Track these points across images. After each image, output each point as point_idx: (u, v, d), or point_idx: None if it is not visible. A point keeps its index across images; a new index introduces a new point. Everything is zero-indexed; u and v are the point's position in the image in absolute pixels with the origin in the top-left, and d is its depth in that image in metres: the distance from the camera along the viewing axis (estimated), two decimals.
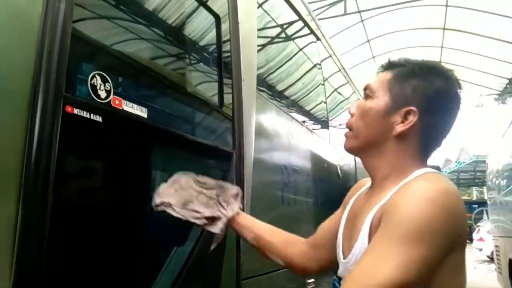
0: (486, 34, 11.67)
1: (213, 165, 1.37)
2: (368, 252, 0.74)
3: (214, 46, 1.54)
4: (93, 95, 0.90)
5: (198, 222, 1.05)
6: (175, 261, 1.17)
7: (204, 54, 1.56)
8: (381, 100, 0.89)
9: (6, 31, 0.74)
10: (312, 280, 2.08)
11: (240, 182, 1.46)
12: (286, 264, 1.14)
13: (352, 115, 0.94)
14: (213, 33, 1.53)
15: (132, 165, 1.07)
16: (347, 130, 0.96)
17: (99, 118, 0.90)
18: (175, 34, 1.37)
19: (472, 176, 22.81)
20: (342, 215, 1.02)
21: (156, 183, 1.17)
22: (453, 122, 0.90)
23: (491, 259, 10.52)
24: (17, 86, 0.76)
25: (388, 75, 0.91)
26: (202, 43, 1.53)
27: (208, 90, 1.47)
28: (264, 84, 2.10)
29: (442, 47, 13.52)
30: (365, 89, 0.94)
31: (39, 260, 0.73)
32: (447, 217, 0.73)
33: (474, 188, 27.41)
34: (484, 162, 8.54)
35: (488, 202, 7.66)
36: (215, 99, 1.47)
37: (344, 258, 0.90)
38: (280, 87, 2.47)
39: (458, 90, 0.89)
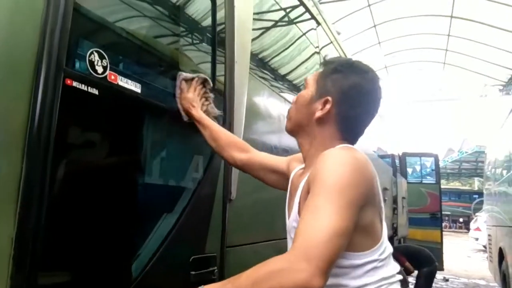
0: (493, 24, 11.56)
1: (203, 144, 1.46)
2: (305, 212, 0.85)
3: (209, 28, 1.62)
4: (91, 70, 1.00)
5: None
6: (164, 227, 1.27)
7: (199, 35, 1.64)
8: (309, 90, 1.08)
9: (12, 9, 0.83)
10: None
11: None
12: (218, 152, 1.40)
13: (292, 103, 1.13)
14: (208, 15, 1.61)
15: (125, 136, 1.16)
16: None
17: (95, 91, 0.99)
18: (171, 15, 1.45)
19: (474, 166, 22.85)
20: (288, 172, 1.23)
21: (148, 155, 1.28)
22: (370, 114, 1.06)
23: (486, 249, 10.68)
24: (22, 60, 0.85)
25: (320, 70, 1.10)
26: (197, 24, 1.61)
27: (201, 70, 1.56)
28: (261, 66, 2.17)
29: (448, 35, 13.41)
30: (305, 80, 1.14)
31: (40, 214, 0.83)
32: (356, 174, 0.88)
33: (476, 178, 27.43)
34: (485, 152, 8.59)
35: (485, 193, 7.75)
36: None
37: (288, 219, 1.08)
38: (279, 71, 2.54)
39: (375, 86, 1.05)
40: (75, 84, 0.94)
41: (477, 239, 13.57)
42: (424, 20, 12.93)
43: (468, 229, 19.34)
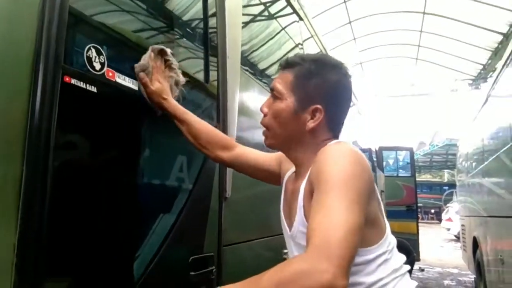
0: (464, 20, 11.90)
1: None
2: (315, 211, 0.81)
3: (201, 23, 1.59)
4: (88, 67, 0.95)
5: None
6: (163, 227, 1.24)
7: (191, 30, 1.61)
8: (289, 101, 1.01)
9: (9, 5, 0.78)
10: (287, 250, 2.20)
11: None
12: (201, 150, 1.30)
13: (265, 114, 1.06)
14: (199, 10, 1.57)
15: (122, 133, 1.12)
16: (264, 128, 1.07)
17: (93, 89, 0.95)
18: (164, 11, 1.41)
19: (444, 159, 23.55)
20: (280, 170, 1.21)
21: (143, 153, 1.24)
22: (349, 104, 1.07)
23: (458, 238, 11.04)
24: (20, 57, 0.80)
25: (289, 75, 1.02)
26: (189, 19, 1.58)
27: (195, 66, 1.53)
28: (246, 61, 2.15)
29: (421, 31, 13.72)
30: (272, 89, 1.05)
31: (41, 219, 0.79)
32: (358, 166, 0.88)
33: (446, 170, 28.28)
34: (456, 145, 8.86)
35: (457, 184, 7.99)
36: (201, 75, 1.52)
37: (289, 231, 1.03)
38: (262, 65, 2.52)
39: (349, 78, 1.03)
40: (73, 81, 0.90)
41: (449, 229, 14.00)
42: (398, 16, 13.18)
43: (439, 219, 19.94)
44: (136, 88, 1.12)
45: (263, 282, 0.75)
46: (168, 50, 1.22)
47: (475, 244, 5.34)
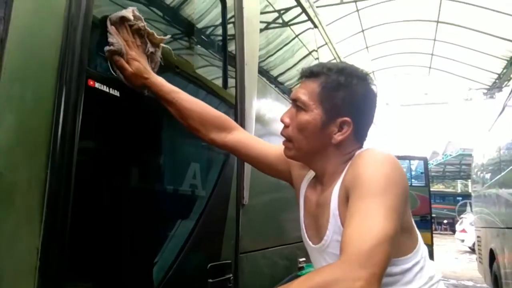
0: (478, 28, 11.79)
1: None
2: (352, 217, 0.80)
3: (219, 29, 1.59)
4: (111, 70, 0.96)
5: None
6: (180, 233, 1.23)
7: (210, 37, 1.61)
8: (315, 113, 0.95)
9: (35, 11, 0.79)
10: (304, 259, 2.18)
11: (241, 163, 1.53)
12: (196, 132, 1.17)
13: (286, 125, 1.00)
14: (218, 16, 1.58)
15: (142, 138, 1.12)
16: (284, 139, 1.02)
17: (116, 93, 0.95)
18: (183, 18, 1.42)
19: (458, 169, 23.23)
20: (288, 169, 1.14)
21: (163, 158, 1.23)
22: (375, 113, 1.02)
23: (472, 250, 10.82)
24: (45, 61, 0.81)
25: (315, 86, 0.96)
26: (207, 26, 1.58)
27: (213, 72, 1.53)
28: (262, 68, 2.15)
29: (434, 40, 13.63)
30: (295, 100, 0.98)
31: (64, 221, 0.79)
32: (397, 172, 0.86)
33: (459, 181, 27.89)
34: (470, 155, 8.73)
35: (472, 195, 7.86)
36: (219, 81, 1.52)
37: (315, 243, 0.99)
38: (277, 72, 2.52)
39: (375, 89, 0.99)
40: (97, 85, 0.90)
41: (463, 240, 13.74)
42: (411, 26, 13.12)
43: (453, 230, 19.62)
44: None
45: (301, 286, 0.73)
46: (129, 14, 1.00)
47: (492, 256, 5.22)
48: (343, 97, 0.95)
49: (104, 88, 0.92)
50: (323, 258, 0.97)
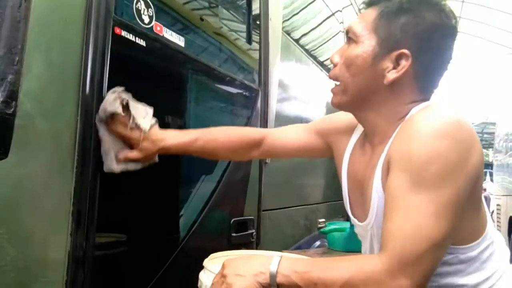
0: None
1: (240, 100, 1.41)
2: (394, 210, 0.68)
3: None
4: (137, 19, 0.93)
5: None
6: (205, 190, 1.24)
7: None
8: (367, 44, 0.76)
9: None
10: (323, 220, 2.19)
11: (264, 119, 1.51)
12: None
13: (335, 65, 0.81)
14: None
15: (167, 89, 1.11)
16: (333, 84, 0.83)
17: (142, 42, 0.93)
18: None
19: (479, 137, 22.78)
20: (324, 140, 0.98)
21: (187, 114, 1.23)
22: (450, 58, 0.79)
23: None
24: (73, 9, 0.79)
25: (372, 13, 0.77)
26: None
27: (238, 28, 1.49)
28: (287, 26, 2.09)
29: (463, 1, 13.03)
30: (347, 32, 0.80)
31: (96, 164, 0.80)
32: (461, 150, 0.67)
33: None
34: (493, 124, 8.48)
35: (494, 163, 7.73)
36: (244, 36, 1.49)
37: (361, 221, 0.83)
38: (300, 33, 2.45)
39: (453, 22, 0.77)
40: (123, 33, 0.88)
41: None
42: None
43: None
44: (182, 44, 1.09)
45: (335, 271, 0.67)
46: (117, 107, 0.83)
47: (511, 224, 5.19)
48: (404, 24, 0.74)
49: (131, 37, 0.90)
50: (369, 239, 0.83)
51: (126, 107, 0.85)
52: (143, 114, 0.89)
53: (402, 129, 0.73)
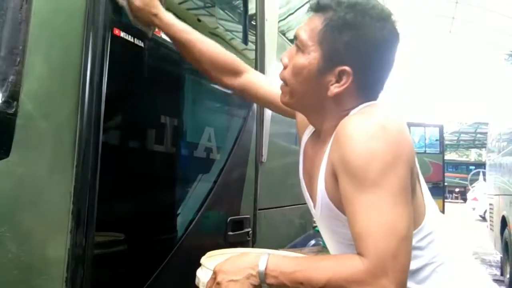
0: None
1: (236, 100, 1.43)
2: (356, 212, 0.70)
3: None
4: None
5: None
6: (201, 189, 1.25)
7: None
8: (312, 57, 0.79)
9: None
10: None
11: (259, 119, 1.53)
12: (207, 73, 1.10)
13: (284, 66, 0.85)
14: None
15: (164, 89, 1.12)
16: (281, 82, 0.87)
17: (141, 43, 0.95)
18: None
19: (472, 137, 22.95)
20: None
21: (185, 115, 1.24)
22: (391, 69, 0.83)
23: (483, 218, 10.85)
24: (72, 10, 0.81)
25: (318, 22, 0.79)
26: None
27: (234, 28, 1.50)
28: (282, 26, 2.11)
29: (456, 2, 13.12)
30: (295, 37, 0.83)
31: (95, 163, 0.81)
32: (393, 146, 0.71)
33: (473, 150, 27.61)
34: (486, 124, 8.58)
35: (487, 163, 7.80)
36: (240, 36, 1.50)
37: (314, 207, 0.86)
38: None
39: (396, 36, 0.80)
40: (122, 34, 0.90)
41: (474, 208, 13.79)
42: None
43: (464, 199, 19.62)
44: None
45: (319, 270, 0.70)
46: None
47: (504, 223, 5.24)
48: (347, 41, 0.76)
49: (129, 38, 0.92)
50: (322, 226, 0.88)
51: None
52: None
53: (336, 133, 0.76)
